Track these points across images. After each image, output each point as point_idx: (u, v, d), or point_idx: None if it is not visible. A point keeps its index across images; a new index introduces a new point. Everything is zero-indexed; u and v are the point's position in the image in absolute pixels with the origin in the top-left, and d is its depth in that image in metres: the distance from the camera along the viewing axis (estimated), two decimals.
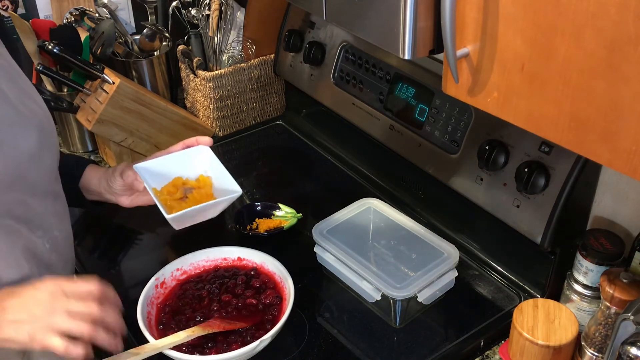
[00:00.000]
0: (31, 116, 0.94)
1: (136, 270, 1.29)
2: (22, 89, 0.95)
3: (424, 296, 1.08)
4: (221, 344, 1.01)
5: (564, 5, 0.64)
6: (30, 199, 0.93)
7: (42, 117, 0.97)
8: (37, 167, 0.94)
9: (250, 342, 0.97)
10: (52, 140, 0.99)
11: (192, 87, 1.68)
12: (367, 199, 1.27)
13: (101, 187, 1.16)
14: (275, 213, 1.36)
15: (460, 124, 1.21)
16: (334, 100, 1.52)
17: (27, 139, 0.91)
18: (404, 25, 0.77)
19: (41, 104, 0.98)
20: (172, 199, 1.09)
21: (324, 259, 1.18)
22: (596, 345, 0.98)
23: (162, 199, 1.07)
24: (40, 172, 0.95)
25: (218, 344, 1.01)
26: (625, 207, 1.07)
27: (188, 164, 1.14)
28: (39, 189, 0.95)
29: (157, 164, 1.12)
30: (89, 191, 1.18)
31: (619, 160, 0.66)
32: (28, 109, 0.94)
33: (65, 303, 0.83)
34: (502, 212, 1.15)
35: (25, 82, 0.97)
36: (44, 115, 0.97)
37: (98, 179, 1.16)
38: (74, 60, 1.44)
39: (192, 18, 1.63)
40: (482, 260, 1.24)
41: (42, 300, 0.83)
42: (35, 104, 0.96)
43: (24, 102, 0.93)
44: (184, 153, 1.14)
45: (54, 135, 1.00)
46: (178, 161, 1.13)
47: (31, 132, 0.92)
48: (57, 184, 1.02)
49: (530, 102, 0.73)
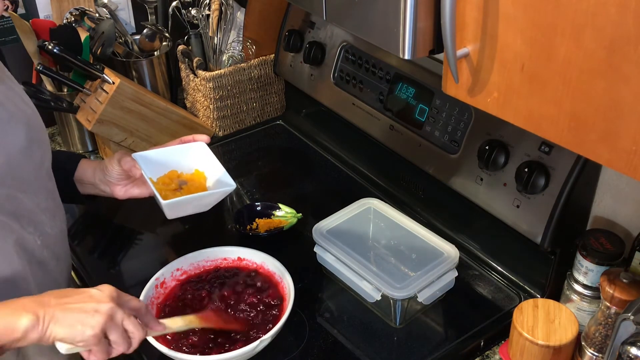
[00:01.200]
0: (18, 113, 0.94)
1: (136, 270, 1.29)
2: (9, 87, 0.95)
3: (424, 296, 1.08)
4: (222, 344, 1.01)
5: (564, 5, 0.64)
6: (20, 194, 0.93)
7: (30, 115, 0.97)
8: (26, 163, 0.94)
9: (250, 342, 0.98)
10: (41, 137, 0.99)
11: (192, 87, 1.68)
12: (367, 199, 1.27)
13: (96, 178, 1.16)
14: (275, 213, 1.36)
15: (460, 124, 1.21)
16: (334, 100, 1.52)
17: (15, 136, 0.92)
18: (404, 26, 0.77)
19: (29, 102, 0.99)
20: (167, 189, 1.10)
21: (324, 259, 1.18)
22: (596, 345, 0.98)
23: (157, 188, 1.07)
24: (30, 169, 0.95)
25: (219, 345, 1.01)
26: (625, 207, 1.07)
27: (184, 158, 1.16)
28: (29, 185, 0.95)
29: (155, 155, 1.14)
30: (83, 183, 1.17)
31: (619, 160, 0.66)
32: (15, 106, 0.94)
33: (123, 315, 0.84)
34: (502, 212, 1.15)
35: (12, 80, 0.98)
36: (32, 113, 0.97)
37: (93, 169, 1.16)
38: (74, 60, 1.44)
39: (192, 18, 1.63)
40: (482, 260, 1.24)
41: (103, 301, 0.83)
42: (22, 101, 0.97)
43: (11, 99, 0.94)
44: (181, 147, 1.16)
45: (43, 133, 1.00)
46: (175, 154, 1.16)
47: (19, 129, 0.93)
48: (49, 181, 1.02)
49: (530, 102, 0.73)
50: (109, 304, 0.82)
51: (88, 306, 0.81)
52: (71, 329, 0.79)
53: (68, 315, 0.80)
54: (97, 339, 0.81)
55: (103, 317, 0.81)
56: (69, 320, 0.80)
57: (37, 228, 0.97)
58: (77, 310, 0.81)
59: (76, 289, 0.85)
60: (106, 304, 0.82)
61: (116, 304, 0.83)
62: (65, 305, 0.81)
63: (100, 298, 0.83)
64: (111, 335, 0.82)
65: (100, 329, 0.81)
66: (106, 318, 0.81)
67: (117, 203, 1.18)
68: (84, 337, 0.80)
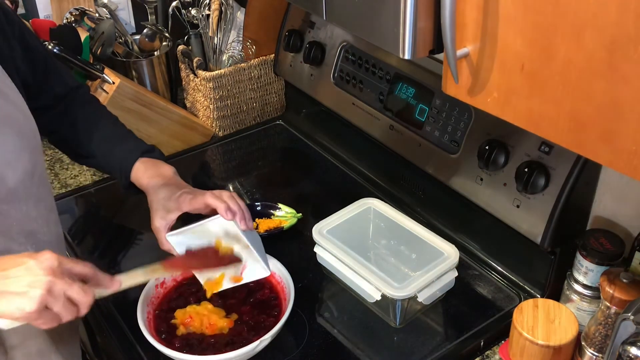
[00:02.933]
0: (6, 120, 0.91)
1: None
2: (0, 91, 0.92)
3: (424, 296, 1.08)
4: (222, 345, 1.01)
5: (564, 6, 0.64)
6: (4, 206, 0.90)
7: (22, 122, 0.94)
8: (12, 173, 0.91)
9: (250, 342, 0.98)
10: (33, 143, 0.96)
11: (192, 87, 1.68)
12: (367, 199, 1.27)
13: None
14: (275, 213, 1.36)
15: (460, 124, 1.21)
16: (334, 100, 1.52)
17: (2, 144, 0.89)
18: (404, 26, 0.77)
19: (21, 106, 0.95)
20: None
21: (324, 259, 1.18)
22: (596, 345, 0.98)
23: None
24: (16, 178, 0.92)
25: (218, 345, 1.01)
26: (625, 207, 1.07)
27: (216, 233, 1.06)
28: (14, 195, 0.92)
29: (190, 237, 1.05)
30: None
31: (619, 160, 0.66)
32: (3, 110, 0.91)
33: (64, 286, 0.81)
34: (502, 212, 1.15)
35: (5, 83, 0.94)
36: (23, 119, 0.95)
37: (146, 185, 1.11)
38: (74, 60, 1.44)
39: (192, 18, 1.63)
40: (482, 260, 1.24)
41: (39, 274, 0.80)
42: (12, 105, 0.93)
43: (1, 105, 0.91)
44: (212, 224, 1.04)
45: (35, 139, 0.97)
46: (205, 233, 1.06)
47: (6, 139, 0.90)
48: (40, 187, 0.99)
49: (530, 102, 0.73)
50: (46, 277, 0.79)
51: (24, 280, 0.79)
52: (8, 307, 0.78)
53: (3, 293, 0.78)
54: (37, 314, 0.79)
55: (40, 292, 0.78)
56: (6, 298, 0.78)
57: (28, 237, 0.95)
58: (13, 286, 0.78)
59: (14, 258, 0.81)
60: (43, 277, 0.79)
61: (54, 275, 0.80)
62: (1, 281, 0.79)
63: (36, 271, 0.80)
64: (53, 307, 0.80)
65: (38, 303, 0.78)
66: (43, 292, 0.79)
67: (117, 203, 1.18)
68: (22, 314, 0.78)
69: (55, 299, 0.80)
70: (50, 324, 0.82)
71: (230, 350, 0.98)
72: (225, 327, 1.04)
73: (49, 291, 0.79)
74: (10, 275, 0.79)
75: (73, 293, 0.82)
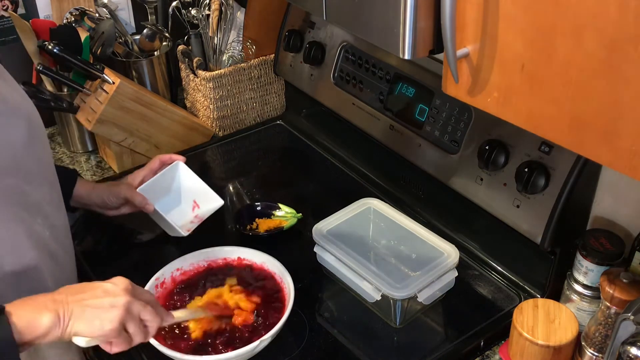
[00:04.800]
0: (19, 108, 0.95)
1: (136, 270, 1.29)
2: (7, 82, 0.96)
3: (424, 296, 1.08)
4: (221, 344, 1.01)
5: (564, 6, 0.64)
6: (27, 186, 0.94)
7: (31, 111, 0.98)
8: (29, 156, 0.95)
9: (250, 342, 0.98)
10: (41, 132, 1.01)
11: (192, 87, 1.68)
12: (367, 199, 1.27)
13: (90, 201, 1.25)
14: (275, 213, 1.36)
15: (460, 124, 1.21)
16: (334, 100, 1.52)
17: (18, 129, 0.92)
18: (404, 25, 0.77)
19: (26, 98, 1.00)
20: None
21: (324, 259, 1.18)
22: (596, 345, 0.98)
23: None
24: (33, 161, 0.96)
25: (219, 345, 1.01)
26: (625, 207, 1.07)
27: (172, 179, 1.32)
28: (34, 177, 0.96)
29: (151, 185, 1.27)
30: (73, 200, 1.24)
31: (619, 160, 0.66)
32: (15, 101, 0.94)
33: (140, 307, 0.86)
34: (502, 212, 1.15)
35: (8, 77, 0.98)
36: (31, 108, 0.98)
37: (87, 193, 1.24)
38: (74, 60, 1.44)
39: (192, 18, 1.63)
40: (482, 260, 1.24)
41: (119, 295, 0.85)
42: (21, 97, 0.97)
43: (12, 95, 0.94)
44: (168, 171, 1.30)
45: (42, 128, 1.01)
46: (166, 179, 1.31)
47: (20, 123, 0.93)
48: (51, 174, 1.03)
49: (530, 102, 0.73)
50: (125, 297, 0.84)
51: (105, 301, 0.83)
52: (90, 325, 0.82)
53: (87, 311, 0.82)
54: (116, 332, 0.83)
55: (120, 311, 0.83)
56: (88, 316, 0.82)
57: (45, 220, 0.98)
58: (95, 305, 0.83)
59: (90, 284, 0.86)
60: (122, 297, 0.84)
61: (132, 296, 0.85)
62: (83, 302, 0.82)
63: (116, 292, 0.85)
64: (129, 327, 0.85)
65: (119, 322, 0.83)
66: (123, 311, 0.83)
67: None
68: (103, 332, 0.82)
69: (133, 318, 0.85)
70: (122, 346, 0.86)
71: (230, 350, 0.98)
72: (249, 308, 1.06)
73: (128, 311, 0.84)
74: (90, 296, 0.83)
75: (147, 315, 0.87)
